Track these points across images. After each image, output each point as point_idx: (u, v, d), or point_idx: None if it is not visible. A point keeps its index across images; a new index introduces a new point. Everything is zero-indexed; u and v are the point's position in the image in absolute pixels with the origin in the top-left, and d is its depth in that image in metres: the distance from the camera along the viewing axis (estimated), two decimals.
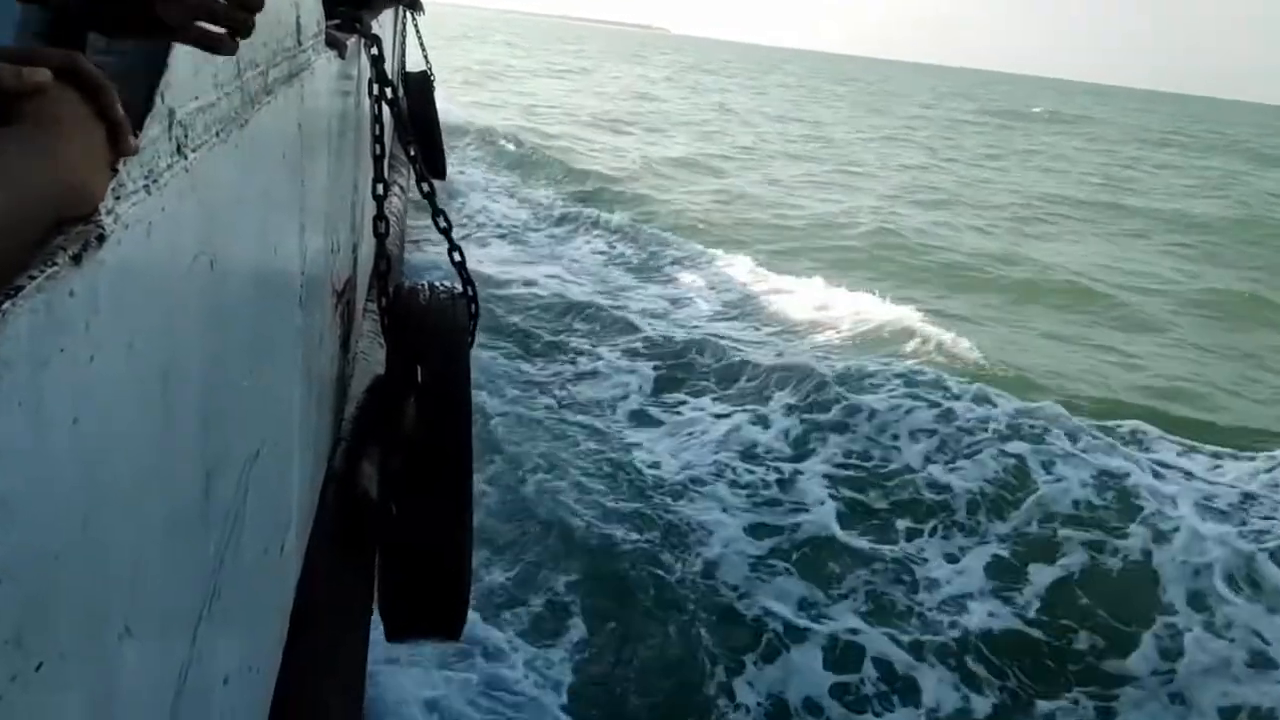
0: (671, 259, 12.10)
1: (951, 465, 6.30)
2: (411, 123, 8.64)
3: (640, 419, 6.99)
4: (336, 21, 2.74)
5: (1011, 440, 6.59)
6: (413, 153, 3.22)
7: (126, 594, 0.77)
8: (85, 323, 0.65)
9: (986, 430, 6.72)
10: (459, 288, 2.83)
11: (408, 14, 10.06)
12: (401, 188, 6.64)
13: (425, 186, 3.04)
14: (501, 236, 12.46)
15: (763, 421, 6.89)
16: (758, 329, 9.47)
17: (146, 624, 0.83)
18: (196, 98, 0.99)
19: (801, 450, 6.49)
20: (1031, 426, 6.75)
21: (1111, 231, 18.19)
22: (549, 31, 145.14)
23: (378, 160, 2.88)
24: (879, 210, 16.78)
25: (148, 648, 0.84)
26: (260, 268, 1.38)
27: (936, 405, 7.06)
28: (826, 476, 6.16)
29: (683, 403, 7.32)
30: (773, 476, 6.12)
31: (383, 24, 4.82)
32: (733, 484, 6.00)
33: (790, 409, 7.05)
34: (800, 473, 6.18)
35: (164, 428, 0.87)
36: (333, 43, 2.33)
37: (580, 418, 6.91)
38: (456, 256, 2.98)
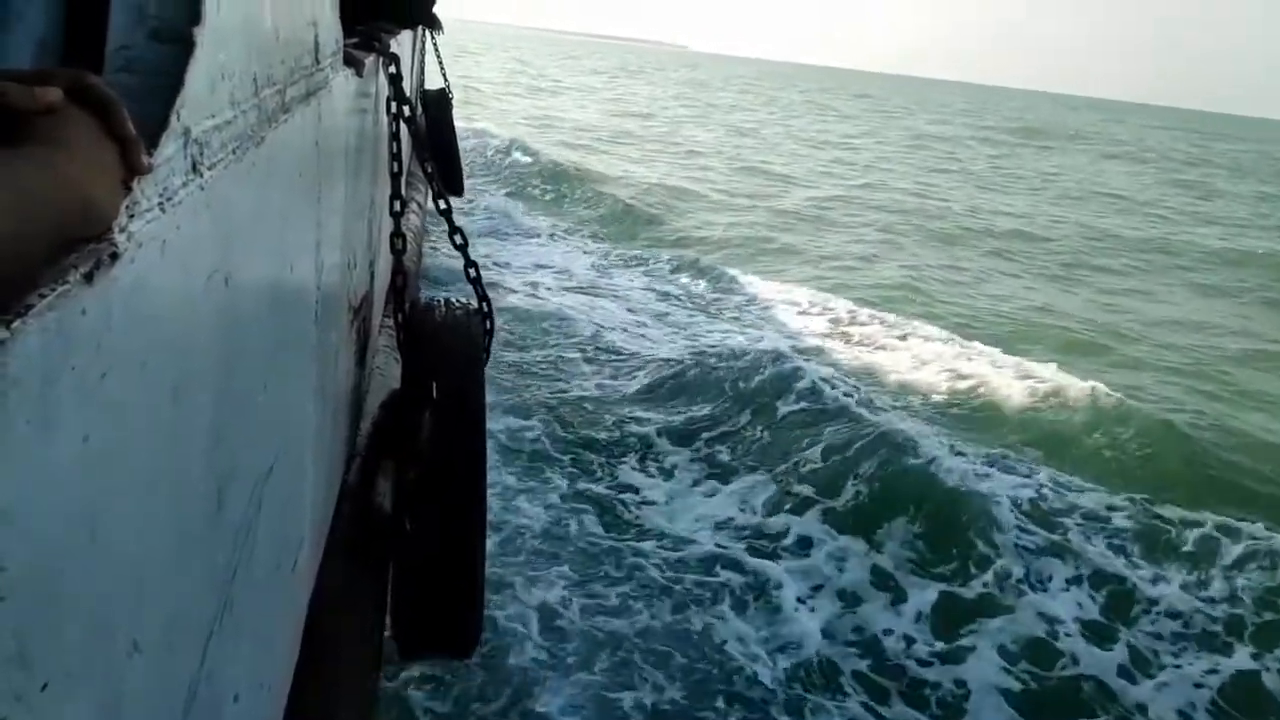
0: (733, 303, 10.85)
1: (1164, 682, 4.61)
2: (430, 140, 8.72)
3: (731, 566, 5.18)
4: (355, 40, 2.77)
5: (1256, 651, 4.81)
6: (430, 170, 3.25)
7: (135, 611, 0.77)
8: (97, 341, 0.65)
9: (1195, 614, 5.04)
10: (474, 304, 2.84)
11: (426, 32, 10.16)
12: (419, 204, 6.68)
13: (442, 203, 3.07)
14: (542, 277, 11.13)
15: (896, 590, 5.10)
16: (856, 396, 7.68)
17: (155, 640, 0.83)
18: (213, 116, 0.99)
19: (952, 642, 4.71)
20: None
21: (1192, 277, 16.08)
22: (565, 48, 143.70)
23: (395, 177, 2.90)
24: (918, 248, 15.48)
25: (156, 664, 0.84)
26: (276, 285, 1.38)
27: (1109, 558, 5.45)
28: (1000, 692, 4.42)
29: (783, 535, 5.57)
30: (925, 694, 4.37)
31: (401, 42, 4.86)
32: (866, 703, 4.28)
33: (922, 558, 5.40)
34: (963, 684, 4.42)
35: (176, 444, 0.88)
36: (351, 61, 2.35)
37: (644, 547, 5.27)
38: (472, 272, 3.00)
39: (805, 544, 5.52)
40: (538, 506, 5.56)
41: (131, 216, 0.73)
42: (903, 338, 9.93)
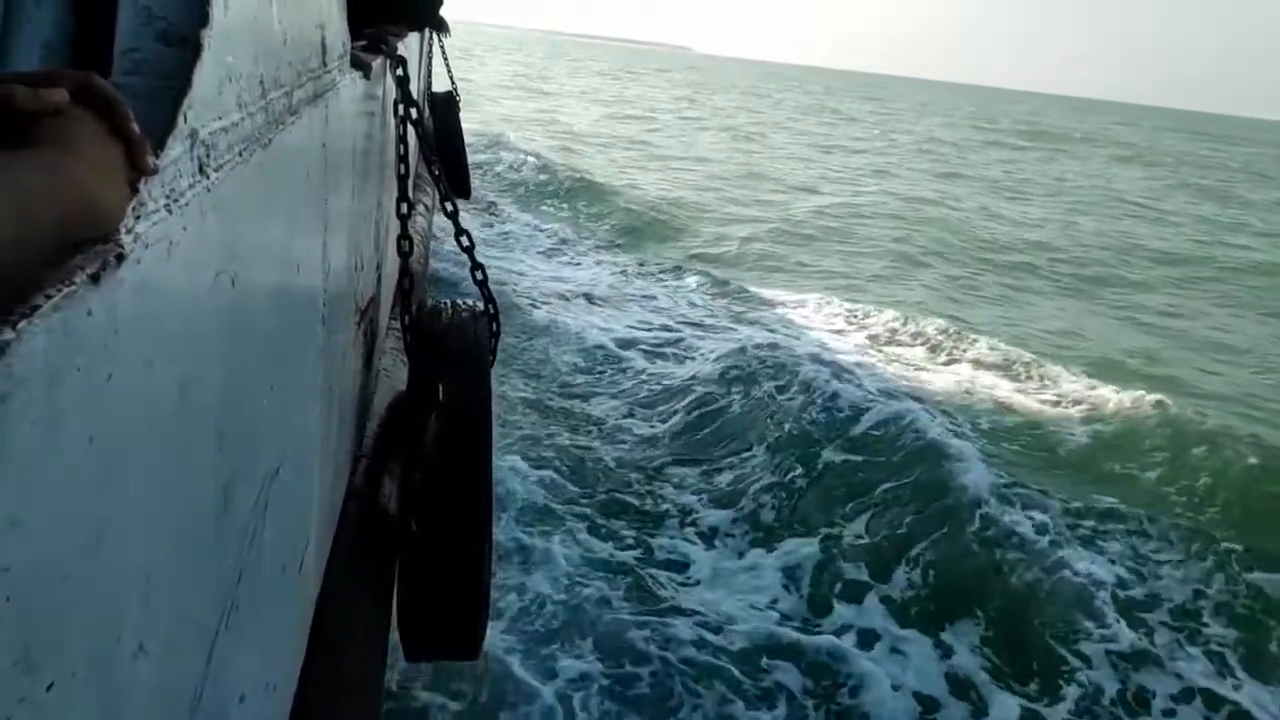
0: (764, 323, 9.91)
1: None
2: (437, 142, 8.74)
3: (783, 657, 4.53)
4: (363, 43, 2.77)
5: None
6: (437, 172, 3.25)
7: (141, 612, 0.77)
8: (103, 342, 0.65)
9: None
10: (481, 306, 2.84)
11: (434, 35, 10.19)
12: (426, 206, 6.69)
13: (449, 206, 3.07)
14: (561, 296, 10.42)
15: (976, 702, 4.41)
16: (912, 440, 6.62)
17: (161, 642, 0.83)
18: (220, 118, 0.99)
19: None
20: None
21: (1228, 290, 14.98)
22: (567, 50, 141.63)
23: (402, 180, 2.90)
24: (937, 262, 14.46)
25: (162, 666, 0.84)
26: (282, 286, 1.38)
27: (1212, 671, 4.77)
28: None
29: (841, 626, 4.87)
30: None
31: (409, 45, 4.87)
32: None
33: (1000, 662, 4.66)
34: None
35: (182, 445, 0.88)
36: (358, 64, 2.36)
37: (680, 631, 4.53)
38: (479, 275, 3.00)
39: (866, 638, 4.81)
40: (557, 575, 4.93)
41: (138, 218, 0.73)
42: (949, 362, 9.24)
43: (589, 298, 10.73)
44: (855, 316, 10.67)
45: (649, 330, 9.49)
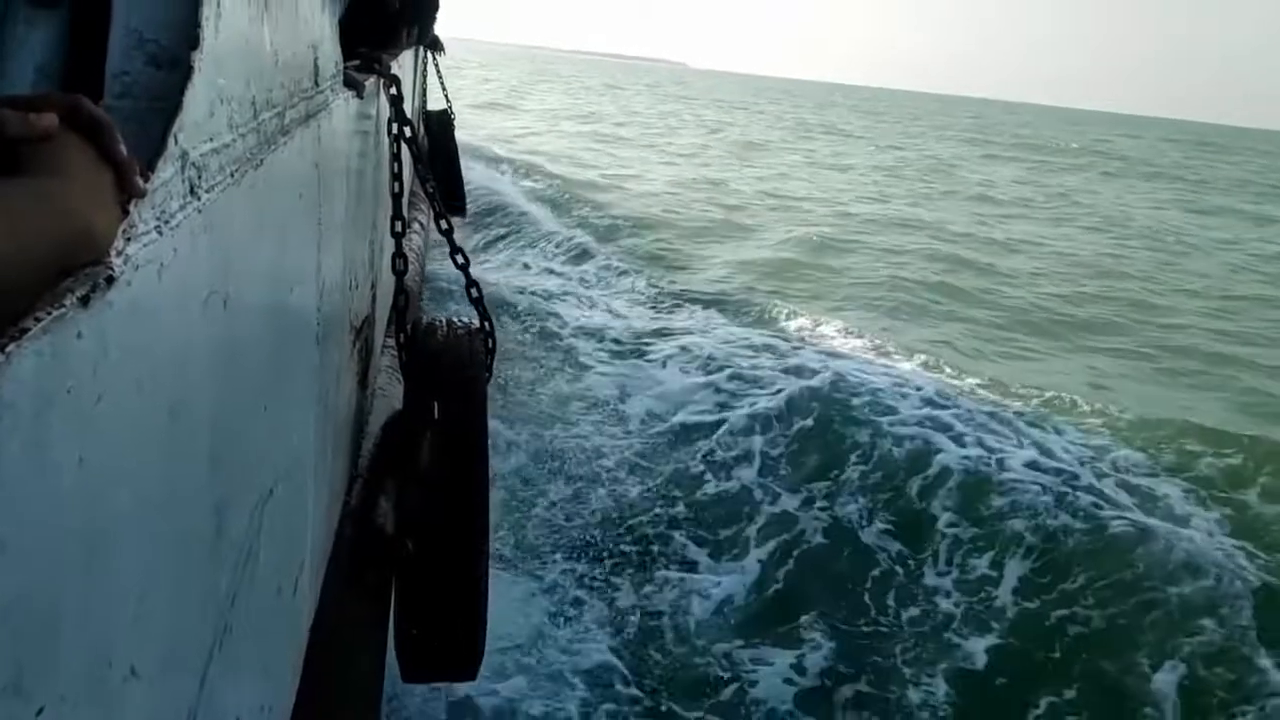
0: (829, 393, 7.21)
1: None
2: (432, 160, 8.77)
3: None
4: (356, 62, 2.79)
5: None
6: (431, 190, 3.26)
7: (132, 635, 0.77)
8: (93, 364, 0.65)
9: None
10: (476, 323, 2.84)
11: (428, 53, 10.24)
12: (422, 225, 6.70)
13: (444, 224, 3.08)
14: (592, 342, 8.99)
15: None
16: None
17: (153, 665, 0.83)
18: (211, 139, 1.00)
19: None
20: None
21: None
22: (564, 66, 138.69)
23: (396, 198, 2.91)
24: (955, 304, 12.26)
25: (154, 689, 0.84)
26: (275, 306, 1.38)
27: None
28: None
29: None
30: None
31: (403, 64, 4.89)
32: None
33: None
34: None
35: (174, 467, 0.87)
36: (351, 83, 2.37)
37: None
38: (474, 292, 3.00)
39: None
40: None
41: (128, 240, 0.73)
42: (1048, 434, 6.81)
43: (625, 347, 9.30)
44: (932, 370, 8.79)
45: (699, 395, 7.75)
